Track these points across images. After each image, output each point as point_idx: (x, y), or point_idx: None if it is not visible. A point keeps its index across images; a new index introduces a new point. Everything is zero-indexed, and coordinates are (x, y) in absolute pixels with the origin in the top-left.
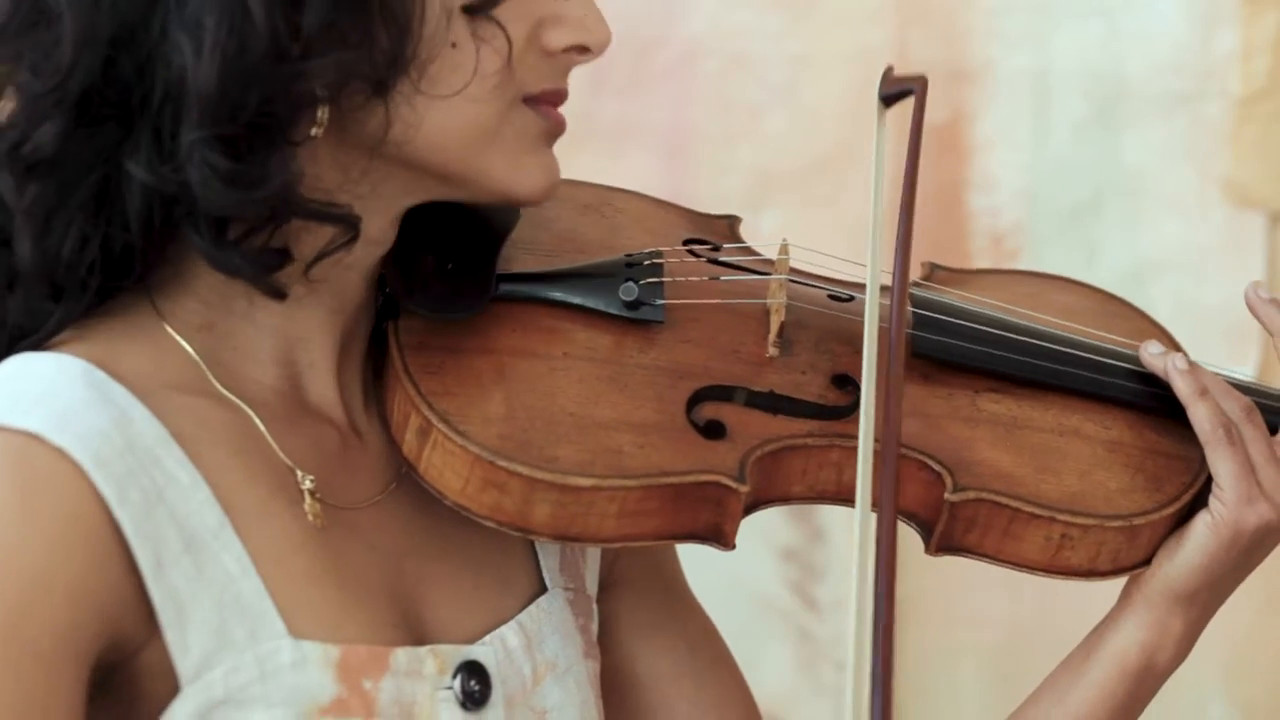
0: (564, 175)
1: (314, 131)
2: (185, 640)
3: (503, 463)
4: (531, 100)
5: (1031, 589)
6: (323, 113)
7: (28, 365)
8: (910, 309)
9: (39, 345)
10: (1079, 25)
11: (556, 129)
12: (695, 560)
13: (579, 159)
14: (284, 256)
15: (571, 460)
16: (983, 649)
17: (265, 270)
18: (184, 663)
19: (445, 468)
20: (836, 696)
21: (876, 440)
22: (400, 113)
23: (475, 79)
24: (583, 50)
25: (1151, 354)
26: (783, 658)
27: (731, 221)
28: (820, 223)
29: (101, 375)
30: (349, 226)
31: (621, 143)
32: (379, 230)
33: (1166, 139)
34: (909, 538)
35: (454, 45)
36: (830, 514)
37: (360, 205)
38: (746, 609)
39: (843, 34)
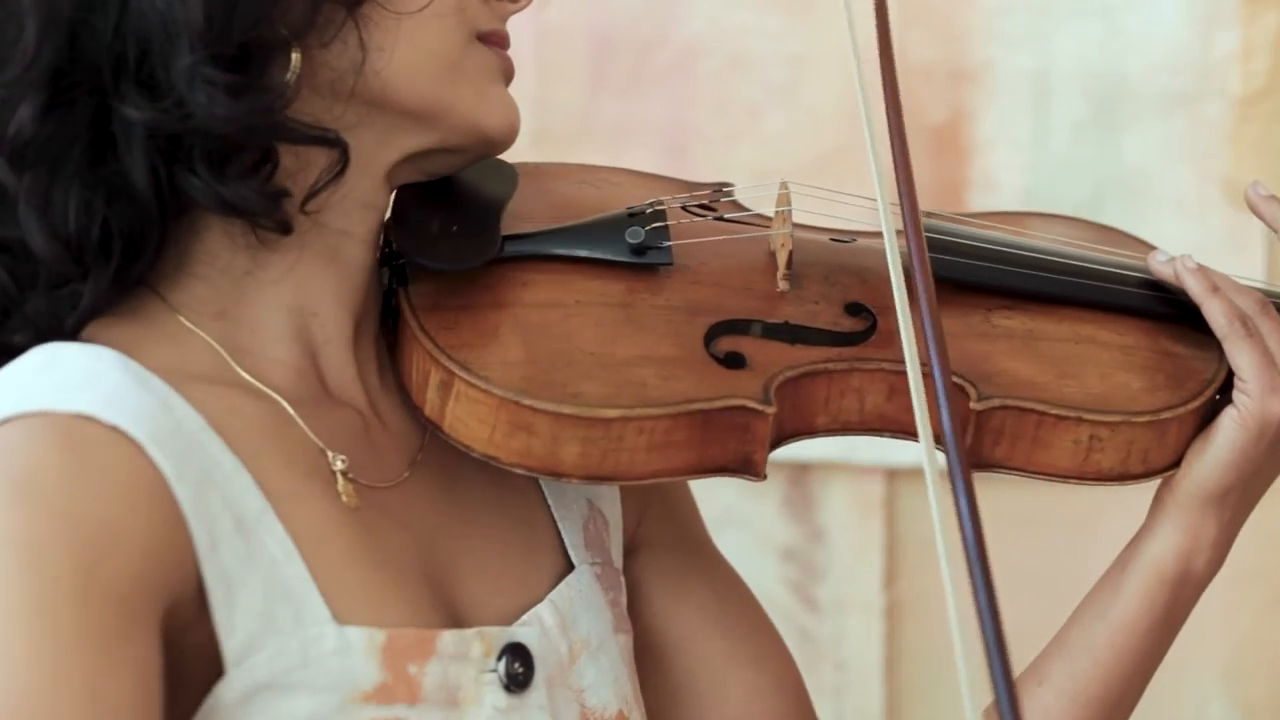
0: None
1: (288, 76)
2: (232, 622)
3: (528, 401)
4: (482, 38)
5: (1032, 590)
6: (296, 56)
7: (59, 354)
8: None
9: (67, 336)
10: (1079, 25)
11: (510, 69)
12: None
13: (579, 159)
14: (283, 192)
15: (597, 394)
16: (982, 649)
17: (269, 201)
18: (230, 645)
19: (471, 418)
20: (837, 696)
21: (924, 364)
22: (372, 39)
23: None
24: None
25: (1159, 260)
26: None
27: (722, 187)
28: (819, 223)
29: (136, 365)
30: (340, 152)
31: (621, 143)
32: (369, 191)
33: (1166, 139)
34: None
35: None
36: (830, 514)
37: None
38: None
39: (843, 34)
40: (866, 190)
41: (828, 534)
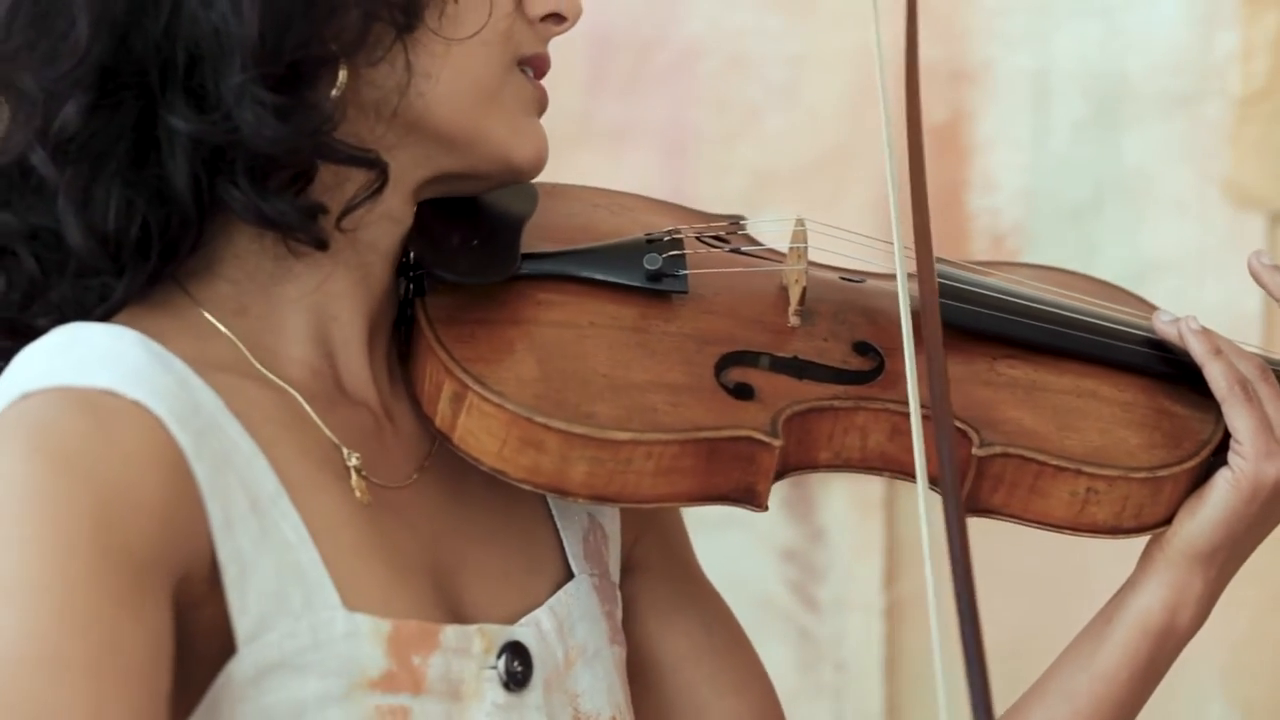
0: (564, 176)
1: (334, 93)
2: (245, 601)
3: (540, 419)
4: (524, 63)
5: (1032, 590)
6: (343, 73)
7: (79, 333)
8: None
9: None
10: (1079, 25)
11: (544, 99)
12: None
13: (579, 159)
14: (320, 208)
15: (609, 416)
16: None
17: (307, 218)
18: (241, 623)
19: (481, 431)
20: (836, 696)
21: (924, 407)
22: (419, 61)
23: (491, 20)
24: (559, 19)
25: (1164, 320)
26: (783, 658)
27: (737, 219)
28: (821, 222)
29: (157, 346)
30: (380, 172)
31: (621, 143)
32: (396, 207)
33: (1166, 139)
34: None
35: None
36: (830, 514)
37: None
38: (746, 609)
39: (843, 34)
40: (867, 226)
41: (828, 534)
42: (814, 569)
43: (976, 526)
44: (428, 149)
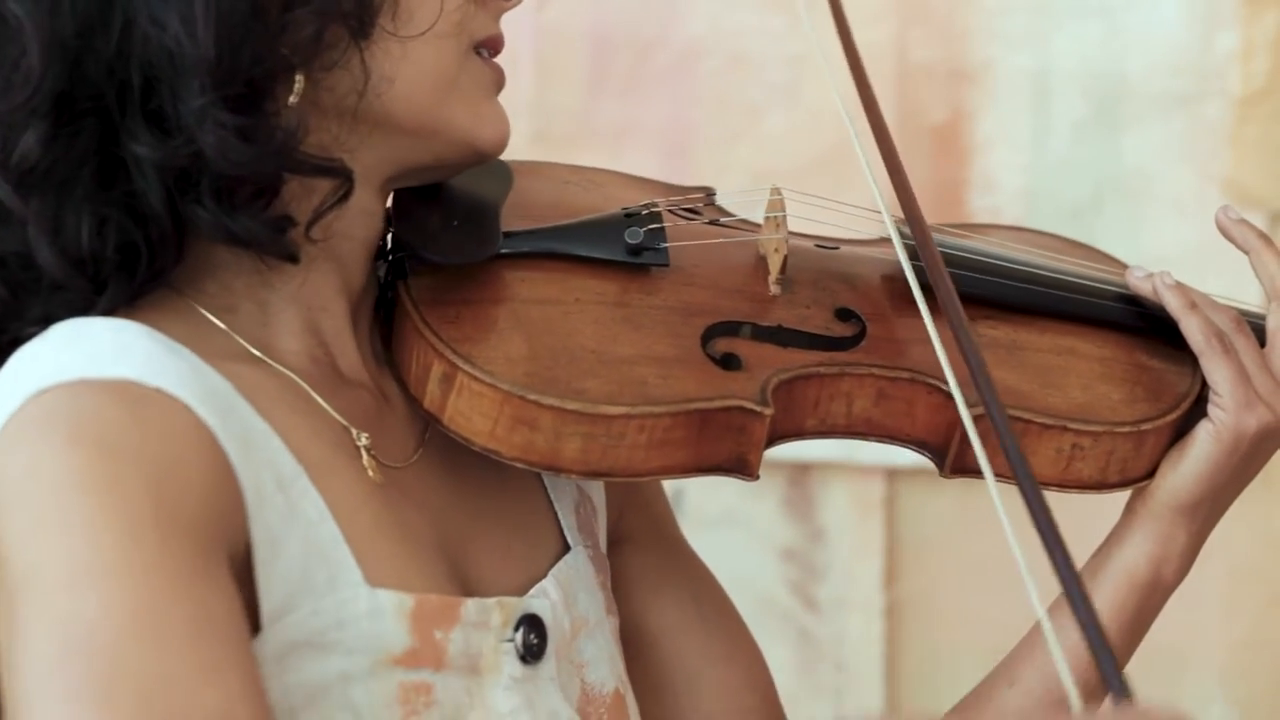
0: None
1: (291, 100)
2: (271, 581)
3: (533, 396)
4: (479, 46)
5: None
6: (299, 80)
7: (82, 328)
8: (904, 241)
9: None
10: (1079, 25)
11: (501, 79)
12: None
13: (579, 159)
14: (288, 220)
15: (600, 391)
16: (983, 649)
17: (276, 232)
18: (267, 602)
19: (473, 411)
20: (836, 696)
21: (903, 370)
22: (376, 62)
23: (443, 14)
24: None
25: (1138, 276)
26: (783, 658)
27: (707, 191)
28: (820, 223)
29: (162, 335)
30: (345, 179)
31: (621, 143)
32: (367, 201)
33: (1166, 139)
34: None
35: None
36: (830, 514)
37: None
38: (746, 609)
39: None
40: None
41: (828, 534)
42: (814, 569)
43: (977, 526)
44: (391, 145)
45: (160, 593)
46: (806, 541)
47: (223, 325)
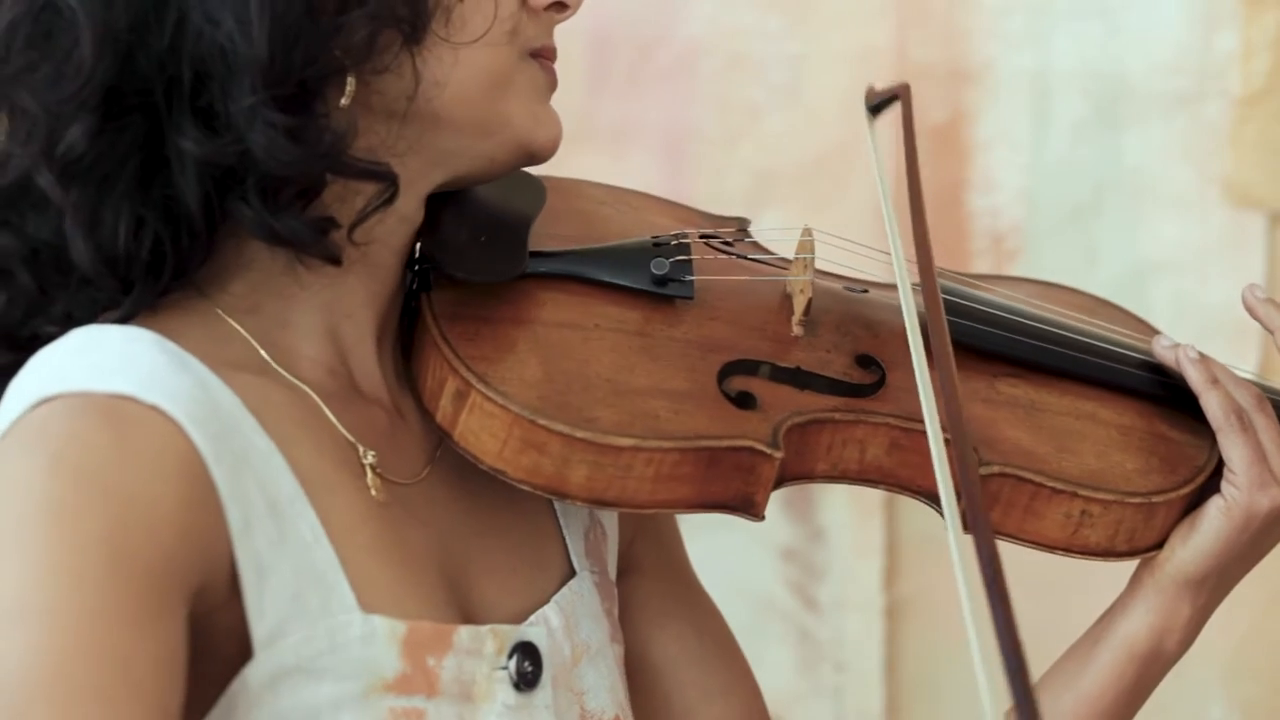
0: (565, 175)
1: (343, 102)
2: (262, 605)
3: (543, 421)
4: (534, 54)
5: (1032, 591)
6: (351, 81)
7: (96, 336)
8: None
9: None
10: (1079, 25)
11: (554, 83)
12: (695, 560)
13: (579, 159)
14: (331, 222)
15: (610, 421)
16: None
17: (319, 233)
18: (259, 627)
19: (483, 430)
20: (836, 696)
21: (919, 422)
22: (428, 67)
23: (496, 22)
24: (562, 7)
25: (1163, 346)
26: (783, 658)
27: (741, 223)
28: (821, 223)
29: (173, 346)
30: (390, 184)
31: (621, 143)
32: (409, 207)
33: (1166, 139)
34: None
35: None
36: (830, 514)
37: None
38: (746, 609)
39: (843, 34)
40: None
41: (828, 534)
42: (814, 569)
43: None
44: (444, 147)
45: (82, 646)
46: (806, 542)
47: (242, 331)
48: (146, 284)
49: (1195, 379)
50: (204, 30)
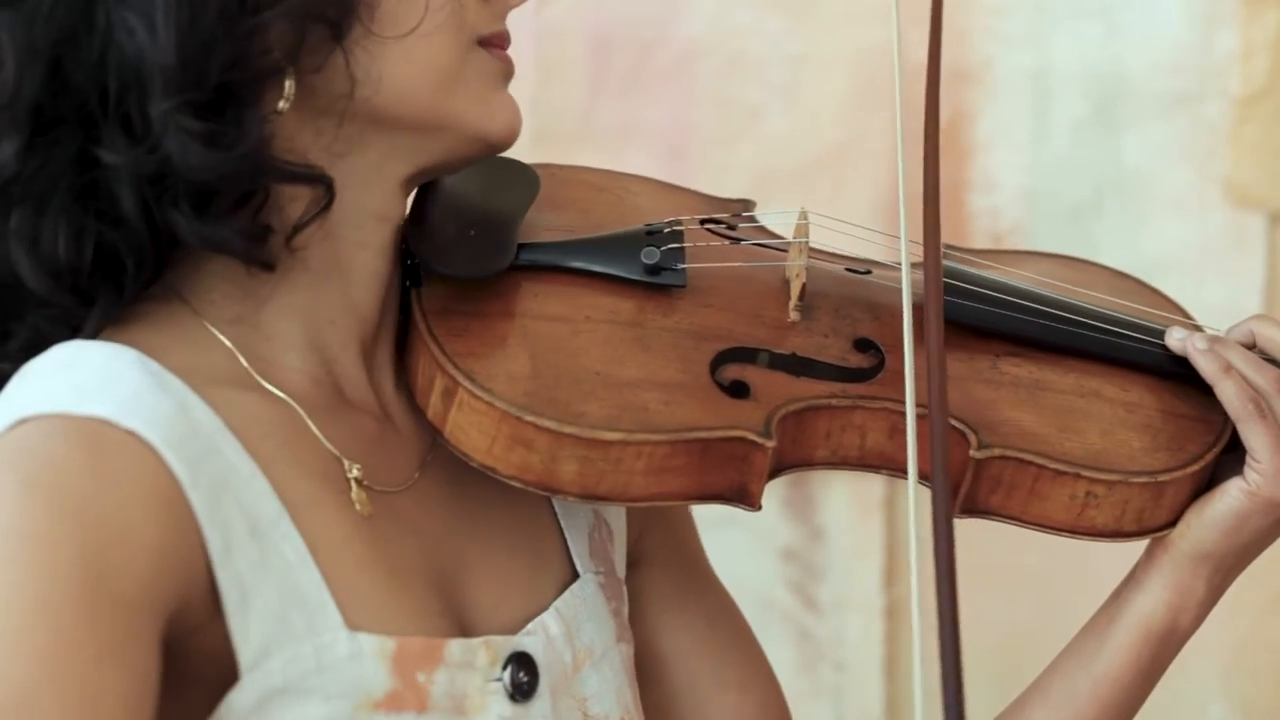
0: None
1: (281, 105)
2: (247, 627)
3: (530, 418)
4: (483, 43)
5: (1032, 591)
6: (289, 84)
7: (79, 354)
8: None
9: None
10: (1079, 25)
11: (510, 69)
12: None
13: (579, 159)
14: (265, 229)
15: (599, 415)
16: (983, 649)
17: (252, 241)
18: (245, 650)
19: (471, 428)
20: (836, 696)
21: (921, 406)
22: (360, 63)
23: (429, 13)
24: None
25: (1175, 339)
26: (783, 658)
27: (745, 205)
28: (825, 215)
29: (155, 365)
30: (325, 189)
31: (621, 143)
32: (381, 204)
33: (1166, 139)
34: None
35: None
36: (830, 514)
37: (351, 177)
38: (746, 609)
39: (843, 34)
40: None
41: (828, 534)
42: (814, 569)
43: (978, 524)
44: (397, 143)
45: (49, 676)
46: (806, 541)
47: (227, 342)
48: (108, 294)
49: (1207, 370)
50: (122, 40)
